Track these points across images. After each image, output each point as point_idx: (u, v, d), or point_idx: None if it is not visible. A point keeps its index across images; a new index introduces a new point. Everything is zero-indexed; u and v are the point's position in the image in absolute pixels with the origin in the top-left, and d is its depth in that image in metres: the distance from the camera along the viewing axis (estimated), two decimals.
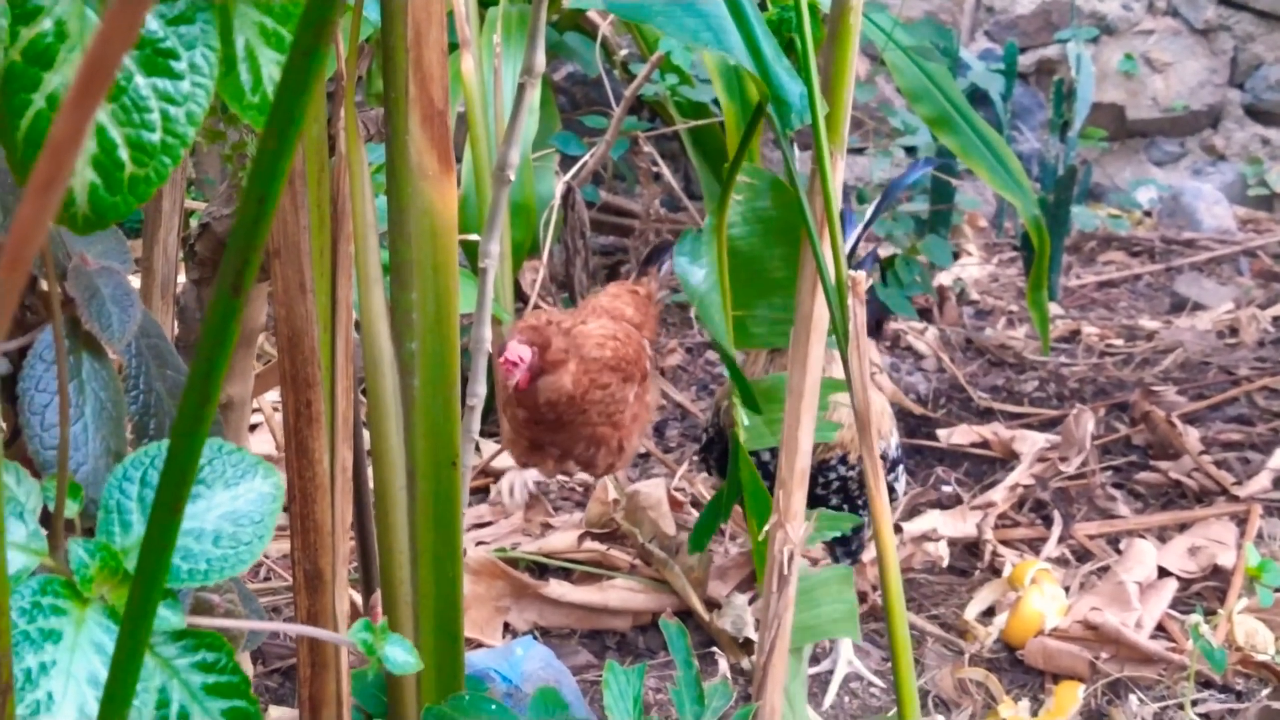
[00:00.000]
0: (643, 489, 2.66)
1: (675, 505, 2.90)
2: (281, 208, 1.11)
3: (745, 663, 2.35)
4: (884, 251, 4.01)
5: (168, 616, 0.82)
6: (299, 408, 1.16)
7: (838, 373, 2.03)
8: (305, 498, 1.19)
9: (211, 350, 0.51)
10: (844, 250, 1.63)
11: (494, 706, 1.13)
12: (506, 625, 2.47)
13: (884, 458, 2.31)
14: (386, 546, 1.23)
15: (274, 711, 2.05)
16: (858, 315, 1.59)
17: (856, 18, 1.51)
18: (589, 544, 2.68)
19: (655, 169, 4.01)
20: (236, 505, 0.91)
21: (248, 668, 1.96)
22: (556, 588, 2.49)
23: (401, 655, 0.96)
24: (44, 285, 0.94)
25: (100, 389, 0.93)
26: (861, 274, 1.54)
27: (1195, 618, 2.26)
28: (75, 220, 0.72)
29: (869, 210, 2.41)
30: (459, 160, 3.42)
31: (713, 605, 2.52)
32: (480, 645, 2.32)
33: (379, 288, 1.19)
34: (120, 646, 0.59)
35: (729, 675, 2.31)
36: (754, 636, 2.39)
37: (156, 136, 0.72)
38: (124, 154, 0.72)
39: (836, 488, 2.30)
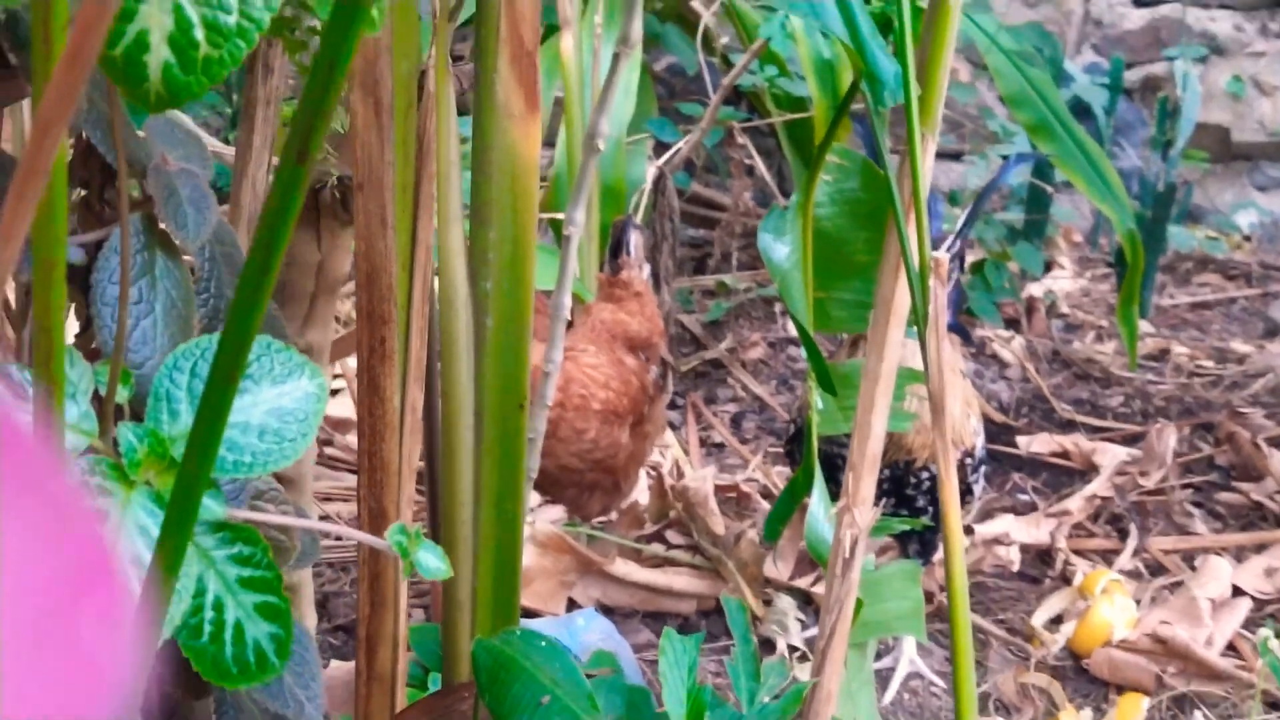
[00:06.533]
0: (691, 485, 2.64)
1: (744, 497, 2.89)
2: (367, 142, 1.12)
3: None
4: (973, 255, 3.97)
5: (211, 506, 0.83)
6: (373, 344, 1.17)
7: (917, 364, 2.02)
8: (374, 435, 1.20)
9: (274, 219, 0.52)
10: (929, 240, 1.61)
11: (544, 643, 1.13)
12: (570, 600, 2.48)
13: (970, 455, 2.29)
14: (450, 486, 1.24)
15: (334, 664, 2.07)
16: (938, 297, 1.57)
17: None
18: (651, 531, 2.68)
19: (749, 162, 4.00)
20: (283, 402, 0.92)
21: (311, 620, 1.97)
22: (622, 566, 2.49)
23: (433, 561, 0.97)
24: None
25: (172, 287, 0.94)
26: (944, 254, 1.53)
27: (1265, 632, 2.22)
28: (148, 97, 0.73)
29: (962, 215, 2.38)
30: (553, 145, 3.43)
31: (772, 586, 2.50)
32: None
33: (458, 226, 1.19)
34: (168, 519, 0.60)
35: (786, 655, 2.29)
36: (798, 644, 2.36)
37: (233, 19, 0.73)
38: (199, 34, 0.73)
39: (926, 488, 2.28)
